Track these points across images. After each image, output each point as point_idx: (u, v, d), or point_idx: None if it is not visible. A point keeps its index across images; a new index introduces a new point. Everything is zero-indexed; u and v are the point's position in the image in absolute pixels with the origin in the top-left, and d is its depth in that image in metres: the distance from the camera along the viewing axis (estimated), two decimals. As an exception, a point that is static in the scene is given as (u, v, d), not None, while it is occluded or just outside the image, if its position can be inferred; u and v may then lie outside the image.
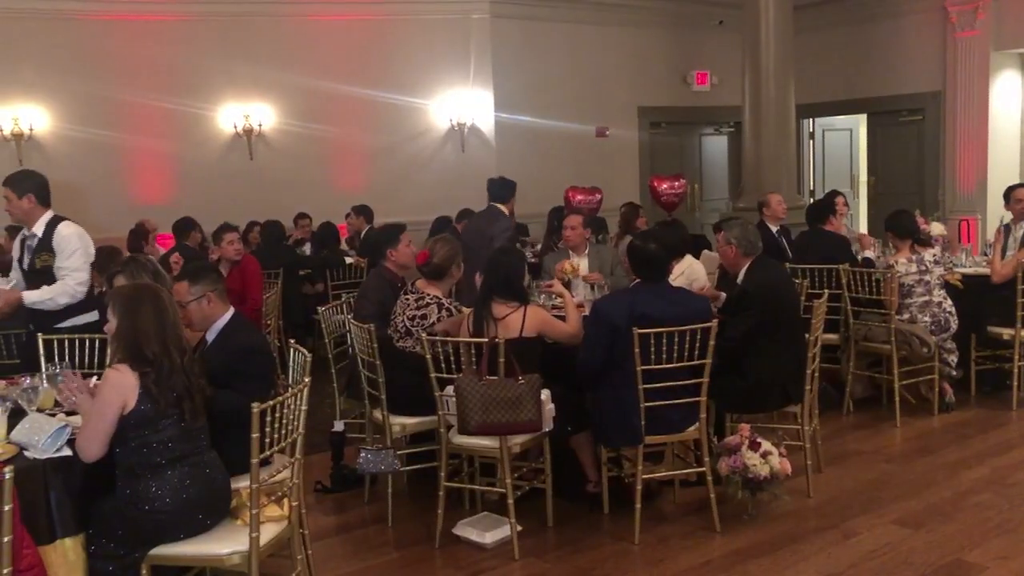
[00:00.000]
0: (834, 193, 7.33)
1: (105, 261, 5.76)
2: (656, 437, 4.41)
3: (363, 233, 9.48)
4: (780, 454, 4.51)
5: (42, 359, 4.75)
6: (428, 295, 4.80)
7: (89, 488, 3.29)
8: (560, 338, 4.59)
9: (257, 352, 3.82)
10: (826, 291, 5.61)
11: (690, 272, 5.91)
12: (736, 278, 5.12)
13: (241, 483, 3.43)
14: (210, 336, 3.86)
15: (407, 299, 4.83)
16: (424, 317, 4.72)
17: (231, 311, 3.90)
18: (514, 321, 4.46)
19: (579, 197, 10.37)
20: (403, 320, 4.76)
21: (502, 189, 7.14)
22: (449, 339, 4.55)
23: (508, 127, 11.24)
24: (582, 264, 6.31)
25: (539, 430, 4.30)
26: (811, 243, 6.81)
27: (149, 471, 3.23)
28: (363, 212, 9.71)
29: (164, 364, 3.23)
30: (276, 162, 10.48)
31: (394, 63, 10.80)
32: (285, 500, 3.48)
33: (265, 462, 3.34)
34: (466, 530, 4.48)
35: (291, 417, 3.40)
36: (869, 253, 6.79)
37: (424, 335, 4.39)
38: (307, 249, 9.69)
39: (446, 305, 4.77)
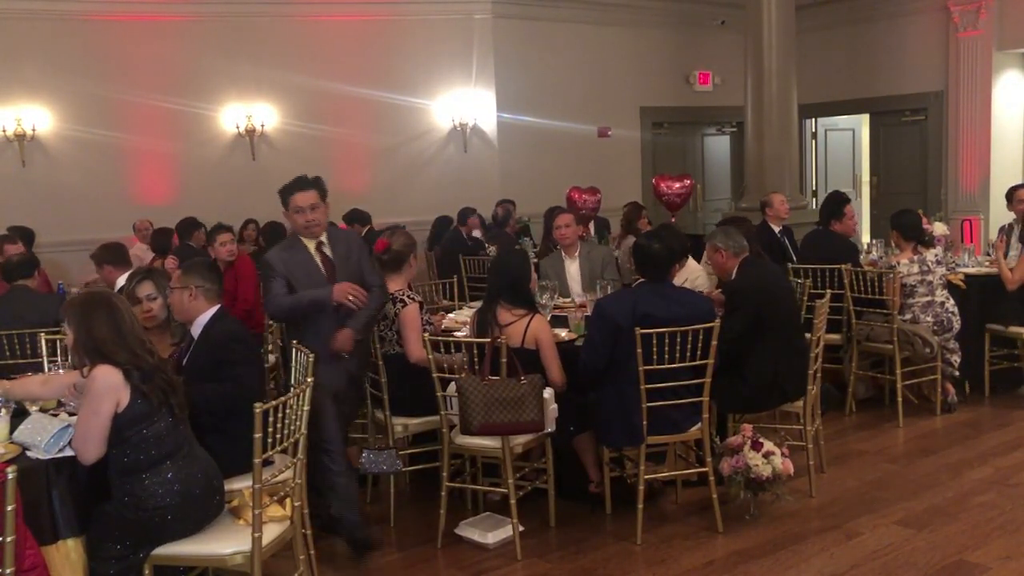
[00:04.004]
0: (844, 200, 7.04)
1: (114, 256, 5.78)
2: (658, 437, 4.41)
3: (363, 234, 9.40)
4: (782, 454, 4.50)
5: (44, 359, 4.77)
6: None
7: (92, 488, 3.30)
8: (545, 365, 4.49)
9: (237, 339, 3.87)
10: (828, 291, 5.61)
11: (691, 276, 5.88)
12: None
13: (243, 483, 3.44)
14: (195, 331, 3.92)
15: None
16: (384, 317, 4.73)
17: (216, 307, 3.94)
18: (516, 331, 4.46)
19: (576, 195, 10.36)
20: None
21: None
22: (452, 339, 4.56)
23: (510, 127, 11.24)
24: (572, 267, 6.27)
25: (541, 430, 4.30)
26: (817, 243, 6.79)
27: (146, 468, 3.23)
28: (357, 219, 9.34)
29: (143, 366, 3.24)
30: (278, 162, 10.46)
31: (396, 63, 10.81)
32: (287, 500, 3.49)
33: (266, 462, 3.34)
34: (468, 530, 4.49)
35: (293, 417, 3.41)
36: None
37: (426, 336, 4.40)
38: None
39: (399, 297, 4.74)
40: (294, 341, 4.18)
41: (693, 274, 5.94)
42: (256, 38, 10.21)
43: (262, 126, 10.45)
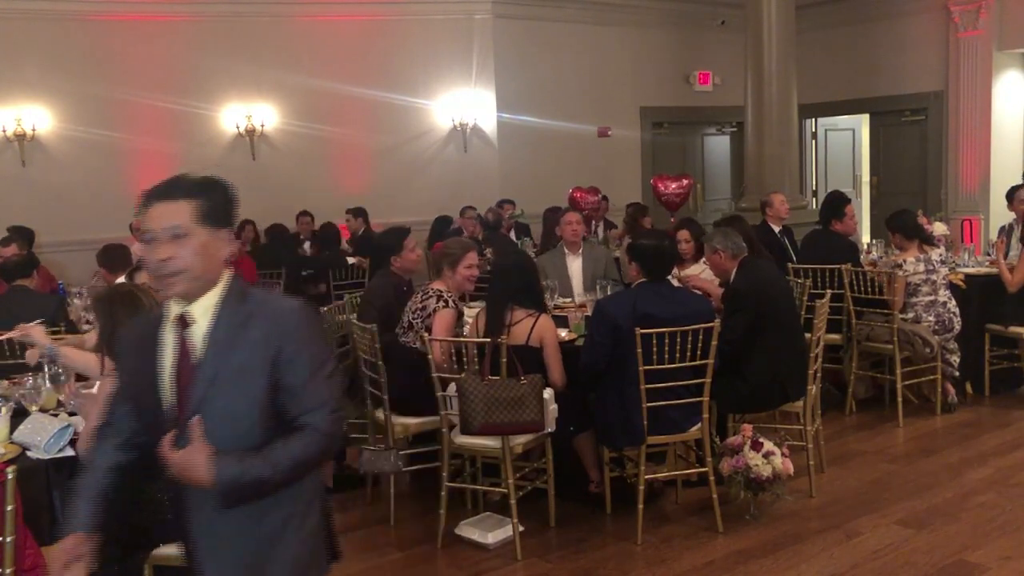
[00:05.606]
0: (844, 200, 6.91)
1: (111, 259, 5.79)
2: (658, 437, 4.41)
3: (359, 233, 9.51)
4: (782, 454, 4.51)
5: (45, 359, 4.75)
6: (432, 288, 4.87)
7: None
8: (547, 363, 4.50)
9: None
10: (828, 291, 5.61)
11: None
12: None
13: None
14: None
15: (415, 297, 4.91)
16: (424, 308, 4.78)
17: None
18: (523, 328, 4.47)
19: (578, 195, 10.36)
20: (408, 315, 4.83)
21: None
22: (451, 339, 4.56)
23: (510, 127, 11.24)
24: (575, 264, 6.36)
25: (542, 430, 4.30)
26: (817, 243, 6.79)
27: (147, 469, 3.22)
28: (360, 214, 9.69)
29: None
30: (279, 162, 10.49)
31: (396, 63, 10.81)
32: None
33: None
34: (468, 530, 4.49)
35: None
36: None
37: (425, 334, 4.40)
38: (307, 248, 9.70)
39: (443, 296, 4.81)
40: None
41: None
42: (256, 38, 10.20)
43: (262, 126, 10.45)
